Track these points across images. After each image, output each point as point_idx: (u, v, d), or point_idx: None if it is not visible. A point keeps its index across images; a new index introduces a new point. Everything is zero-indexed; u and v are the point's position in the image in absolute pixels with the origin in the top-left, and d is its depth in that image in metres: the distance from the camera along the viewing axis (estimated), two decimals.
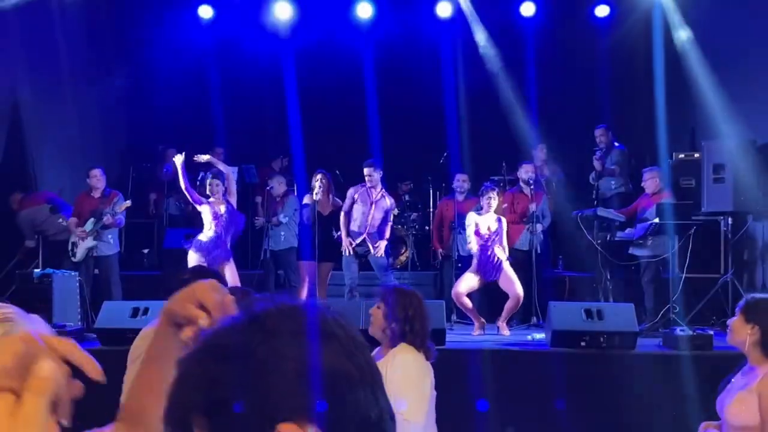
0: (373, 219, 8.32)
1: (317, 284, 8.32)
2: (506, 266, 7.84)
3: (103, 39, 10.74)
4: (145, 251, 10.56)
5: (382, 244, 8.27)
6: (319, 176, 8.38)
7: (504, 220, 8.07)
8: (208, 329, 1.05)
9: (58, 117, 9.86)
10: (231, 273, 7.86)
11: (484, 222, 7.93)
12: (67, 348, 0.89)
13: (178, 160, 8.08)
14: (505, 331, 7.78)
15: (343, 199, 8.50)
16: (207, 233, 7.97)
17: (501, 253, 7.86)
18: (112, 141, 10.84)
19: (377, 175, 8.34)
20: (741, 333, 3.49)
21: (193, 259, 7.86)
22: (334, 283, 8.74)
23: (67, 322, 7.32)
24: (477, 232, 7.90)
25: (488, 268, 7.79)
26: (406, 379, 3.50)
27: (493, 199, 7.95)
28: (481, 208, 8.05)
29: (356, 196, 8.38)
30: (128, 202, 8.60)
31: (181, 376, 0.94)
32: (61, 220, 8.88)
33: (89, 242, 8.38)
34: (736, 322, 3.55)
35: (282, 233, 8.77)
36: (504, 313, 7.84)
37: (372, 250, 8.23)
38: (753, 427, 3.23)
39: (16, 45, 9.02)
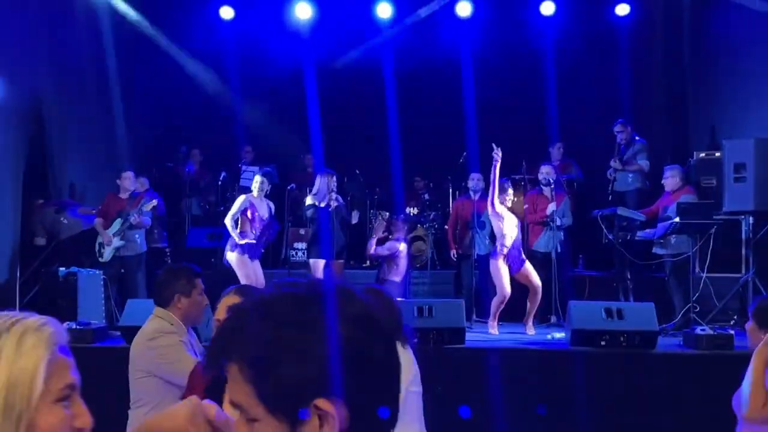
0: None
1: None
2: (528, 263, 7.98)
3: (124, 39, 10.84)
4: (168, 250, 10.66)
5: None
6: (327, 177, 8.52)
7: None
8: (278, 288, 1.09)
9: (82, 117, 9.97)
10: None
11: (510, 219, 8.02)
12: None
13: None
14: (531, 330, 7.81)
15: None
16: (250, 234, 8.26)
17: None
18: (134, 141, 10.94)
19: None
20: (756, 338, 3.52)
21: (237, 259, 8.19)
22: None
23: (91, 319, 7.42)
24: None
25: (515, 260, 7.91)
26: None
27: (507, 194, 8.01)
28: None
29: None
30: (154, 201, 8.71)
31: (236, 322, 1.05)
32: (63, 218, 8.96)
33: (117, 242, 8.52)
34: (751, 327, 3.58)
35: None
36: (529, 311, 7.90)
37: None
38: None
39: (41, 46, 9.13)
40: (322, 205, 8.39)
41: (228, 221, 8.32)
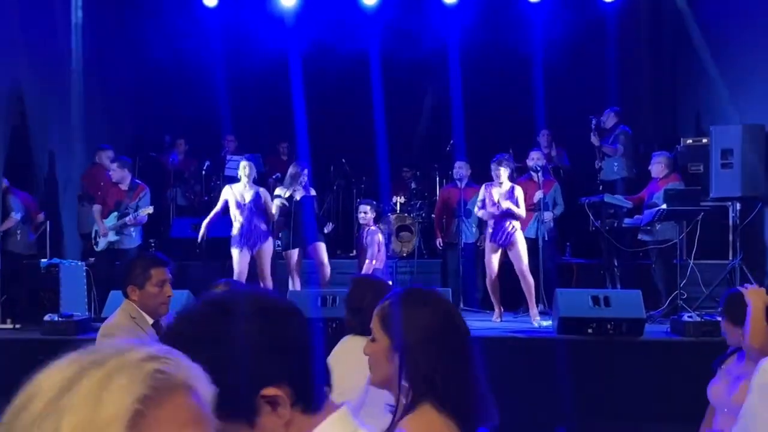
0: None
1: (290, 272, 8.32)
2: (518, 236, 7.90)
3: (107, 28, 10.70)
4: (152, 241, 10.57)
5: None
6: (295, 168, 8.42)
7: (518, 189, 8.05)
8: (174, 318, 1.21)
9: (63, 107, 9.83)
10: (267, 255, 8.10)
11: (496, 192, 7.96)
12: None
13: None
14: (536, 319, 7.70)
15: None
16: (235, 225, 8.01)
17: (515, 222, 7.91)
18: (117, 131, 10.81)
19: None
20: (734, 335, 3.50)
21: (235, 253, 7.96)
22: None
23: (74, 311, 7.34)
24: (492, 202, 7.95)
25: (500, 234, 7.86)
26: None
27: (501, 169, 7.96)
28: (492, 182, 8.09)
29: None
30: (150, 208, 8.51)
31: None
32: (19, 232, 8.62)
33: (111, 236, 8.40)
34: (725, 325, 3.56)
35: None
36: (528, 300, 7.82)
37: None
38: None
39: (19, 35, 8.97)
40: (287, 195, 8.30)
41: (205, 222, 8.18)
